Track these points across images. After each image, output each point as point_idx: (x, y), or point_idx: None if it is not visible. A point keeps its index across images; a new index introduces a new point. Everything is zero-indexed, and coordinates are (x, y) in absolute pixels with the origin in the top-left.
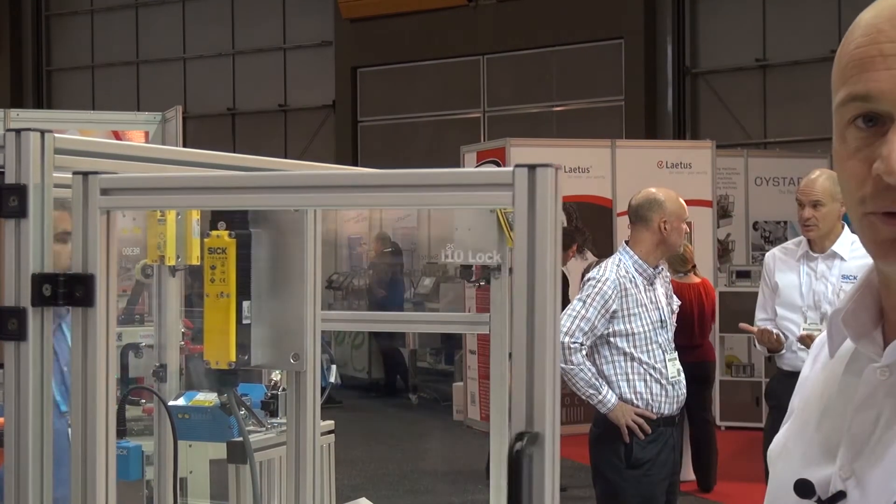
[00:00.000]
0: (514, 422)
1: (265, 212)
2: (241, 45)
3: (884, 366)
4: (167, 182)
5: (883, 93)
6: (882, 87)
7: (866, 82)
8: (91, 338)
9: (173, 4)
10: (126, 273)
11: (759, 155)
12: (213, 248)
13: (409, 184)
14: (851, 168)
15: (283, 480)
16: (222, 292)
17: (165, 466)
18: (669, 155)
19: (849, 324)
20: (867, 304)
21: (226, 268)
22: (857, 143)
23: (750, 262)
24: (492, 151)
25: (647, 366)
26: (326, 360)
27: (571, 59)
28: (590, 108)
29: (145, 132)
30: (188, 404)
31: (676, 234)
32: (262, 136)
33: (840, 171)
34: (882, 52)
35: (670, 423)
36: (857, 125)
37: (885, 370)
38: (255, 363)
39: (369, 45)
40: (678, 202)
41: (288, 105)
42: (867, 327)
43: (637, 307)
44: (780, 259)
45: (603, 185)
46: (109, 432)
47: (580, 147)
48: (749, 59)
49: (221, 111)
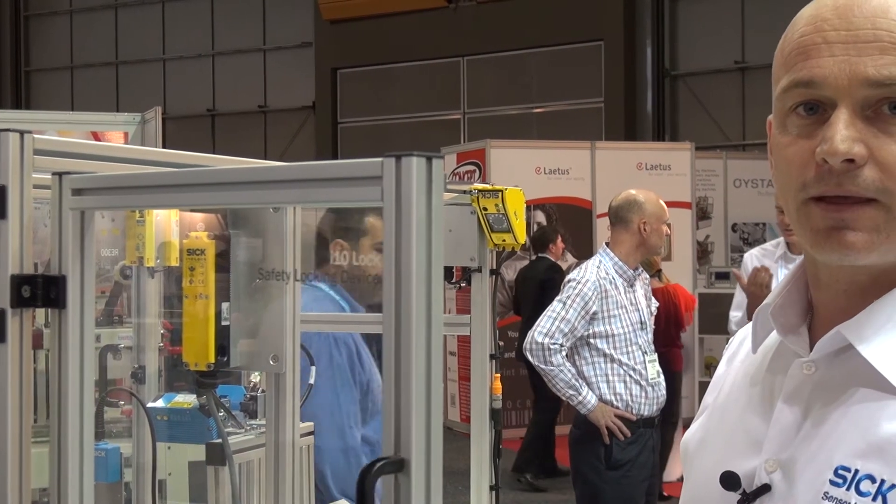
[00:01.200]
0: (385, 445)
1: (245, 212)
2: (220, 46)
3: (810, 361)
4: (137, 180)
5: (826, 78)
6: (825, 73)
7: (810, 69)
8: (64, 339)
9: (153, 5)
10: (105, 274)
11: (737, 157)
12: (192, 249)
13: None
14: (793, 154)
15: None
16: (201, 294)
17: (144, 468)
18: (649, 157)
19: (777, 319)
20: (795, 300)
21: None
22: (799, 129)
23: (729, 263)
24: (472, 153)
25: (626, 367)
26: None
27: (551, 61)
28: (569, 109)
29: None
30: (167, 406)
31: (657, 236)
32: (241, 138)
33: (780, 160)
34: (826, 40)
35: (650, 425)
36: (798, 113)
37: (811, 365)
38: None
39: (349, 47)
40: (658, 204)
41: (268, 106)
42: (794, 323)
43: (617, 309)
44: (758, 260)
45: (582, 186)
46: (87, 434)
47: (560, 149)
48: (728, 62)
49: (201, 112)
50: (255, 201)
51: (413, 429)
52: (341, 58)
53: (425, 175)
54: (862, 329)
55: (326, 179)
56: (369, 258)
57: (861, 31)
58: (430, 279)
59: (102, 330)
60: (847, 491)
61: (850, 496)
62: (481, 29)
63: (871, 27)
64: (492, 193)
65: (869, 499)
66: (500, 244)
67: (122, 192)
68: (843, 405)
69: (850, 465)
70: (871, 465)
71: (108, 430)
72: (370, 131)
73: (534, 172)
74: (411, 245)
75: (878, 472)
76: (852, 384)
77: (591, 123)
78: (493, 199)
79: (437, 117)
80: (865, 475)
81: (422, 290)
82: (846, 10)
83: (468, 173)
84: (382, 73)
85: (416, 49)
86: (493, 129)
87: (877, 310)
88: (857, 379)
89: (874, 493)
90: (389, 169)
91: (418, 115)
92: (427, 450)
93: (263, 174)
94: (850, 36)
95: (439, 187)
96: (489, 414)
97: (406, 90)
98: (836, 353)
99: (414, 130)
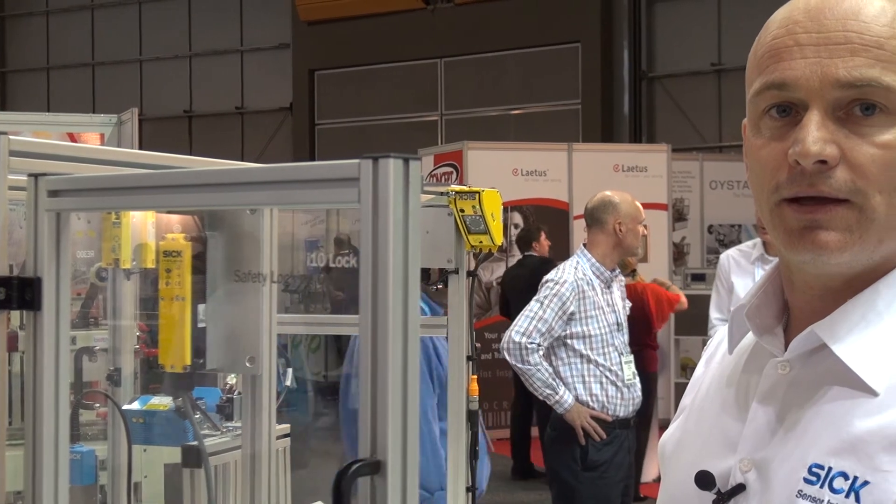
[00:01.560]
0: (361, 447)
1: (221, 214)
2: (197, 48)
3: (784, 360)
4: (114, 182)
5: (798, 80)
6: (797, 75)
7: (782, 71)
8: (39, 341)
9: (129, 6)
10: (80, 276)
11: (713, 159)
12: (169, 251)
13: (249, 181)
14: (766, 156)
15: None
16: (177, 295)
17: (119, 471)
18: (625, 158)
19: (752, 319)
20: (770, 301)
21: (181, 271)
22: (772, 132)
23: (705, 264)
24: (449, 154)
25: (603, 368)
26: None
27: (529, 63)
28: (547, 111)
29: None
30: (143, 408)
31: (632, 236)
32: (218, 139)
33: (753, 162)
34: (798, 42)
35: (625, 426)
36: (771, 115)
37: (786, 364)
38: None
39: (327, 48)
40: (633, 204)
41: (245, 108)
42: (770, 323)
43: (594, 310)
44: (735, 260)
45: (560, 188)
46: (62, 436)
47: (537, 150)
48: (704, 64)
49: (178, 113)
50: (232, 203)
51: (389, 431)
52: (319, 59)
53: (402, 177)
54: (835, 328)
55: (304, 181)
56: None
57: (832, 34)
58: (407, 281)
59: (78, 332)
60: (821, 489)
61: (824, 493)
62: (459, 31)
63: (842, 29)
64: (469, 195)
65: (842, 496)
66: (478, 246)
67: (98, 194)
68: (817, 404)
69: (824, 463)
70: (844, 463)
71: (83, 432)
72: (347, 133)
73: (511, 174)
74: (388, 246)
75: (850, 470)
76: (826, 383)
77: (568, 125)
78: (470, 201)
79: (414, 119)
80: (839, 472)
81: (399, 291)
82: (817, 13)
83: (445, 175)
84: (360, 74)
85: (394, 51)
86: (470, 130)
87: (850, 309)
88: (831, 378)
89: (847, 490)
90: (367, 170)
91: (396, 117)
92: (403, 452)
93: (240, 176)
94: (822, 38)
95: (416, 189)
96: (466, 415)
97: (383, 92)
98: (811, 352)
99: (391, 132)
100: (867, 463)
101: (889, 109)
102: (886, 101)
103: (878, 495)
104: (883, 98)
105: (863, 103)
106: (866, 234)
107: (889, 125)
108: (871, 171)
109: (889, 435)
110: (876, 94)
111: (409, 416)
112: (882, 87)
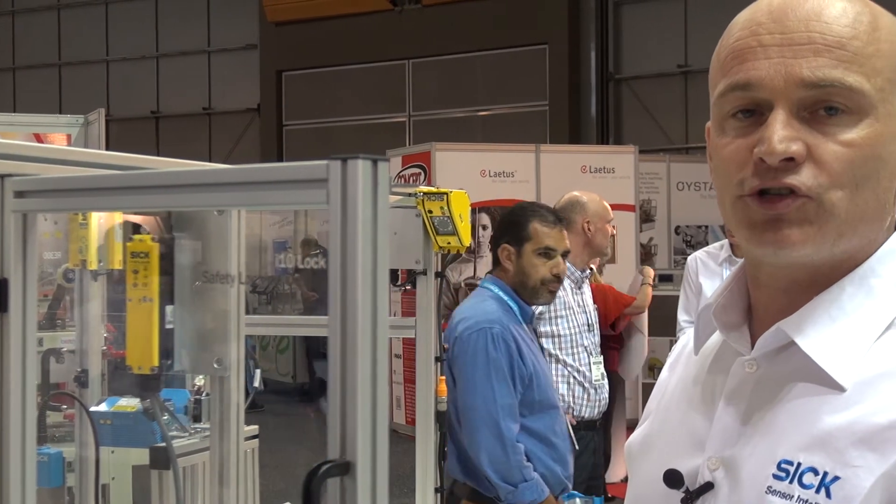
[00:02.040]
0: (330, 448)
1: (188, 215)
2: (165, 48)
3: (751, 359)
4: (80, 183)
5: (762, 80)
6: (761, 75)
7: (747, 71)
8: (6, 343)
9: (96, 6)
10: (47, 277)
11: (680, 160)
12: (136, 252)
13: (216, 182)
14: (731, 152)
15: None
16: (145, 297)
17: (87, 473)
18: (593, 160)
19: (719, 318)
20: (736, 300)
21: (148, 272)
22: (737, 132)
23: (672, 265)
24: (417, 155)
25: (571, 368)
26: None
27: (496, 64)
28: (514, 112)
29: (67, 135)
30: (110, 410)
31: (601, 235)
32: (186, 140)
33: (718, 160)
34: (761, 43)
35: (591, 427)
36: (736, 117)
37: (753, 363)
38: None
39: (294, 49)
40: (601, 204)
41: (212, 108)
42: (736, 322)
43: (564, 310)
44: (702, 262)
45: (527, 189)
46: (29, 438)
47: (505, 151)
48: (671, 66)
49: (145, 114)
50: (199, 204)
51: (359, 432)
52: (286, 60)
53: (371, 178)
54: (802, 325)
55: (271, 182)
56: (531, 262)
57: (795, 34)
58: (375, 282)
59: (45, 333)
60: (790, 484)
61: (794, 489)
62: (427, 32)
63: (805, 30)
64: (437, 196)
65: (812, 491)
66: (446, 247)
67: (65, 195)
68: (785, 400)
69: (793, 459)
70: (814, 458)
71: (50, 434)
72: (315, 134)
73: (479, 175)
74: (357, 248)
75: (820, 465)
76: (793, 380)
77: (535, 127)
78: (438, 202)
79: (382, 120)
80: (808, 468)
81: (367, 293)
82: (780, 14)
83: (413, 176)
84: (327, 75)
85: (362, 52)
86: (438, 131)
87: (816, 306)
88: (799, 374)
89: (817, 485)
90: (335, 172)
91: (363, 118)
92: (373, 453)
93: (208, 177)
94: (785, 39)
95: (385, 190)
96: (434, 416)
97: (351, 93)
98: (778, 350)
99: (359, 133)
100: (837, 458)
101: (851, 110)
102: (849, 102)
103: (849, 490)
104: (846, 98)
105: (828, 105)
106: (825, 226)
107: (852, 124)
108: (835, 168)
109: (858, 430)
110: (839, 95)
111: (378, 418)
112: (845, 88)
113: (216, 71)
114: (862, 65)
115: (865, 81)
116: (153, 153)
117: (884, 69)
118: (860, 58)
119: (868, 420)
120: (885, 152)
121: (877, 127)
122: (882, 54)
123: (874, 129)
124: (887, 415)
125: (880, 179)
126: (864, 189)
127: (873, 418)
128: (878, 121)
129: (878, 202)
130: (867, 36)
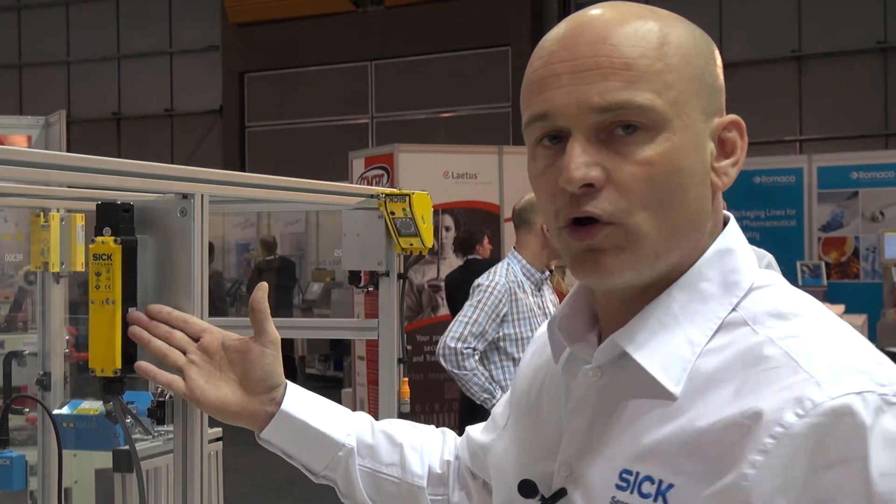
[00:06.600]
0: None
1: (152, 217)
2: (126, 49)
3: (596, 367)
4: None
5: (559, 108)
6: (557, 104)
7: (544, 102)
8: None
9: (57, 7)
10: (8, 280)
11: None
12: (98, 254)
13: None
14: (543, 184)
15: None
16: (108, 299)
17: (50, 476)
18: None
19: (563, 328)
20: (582, 309)
21: (111, 274)
22: (546, 160)
23: None
24: (380, 157)
25: None
26: None
27: (459, 66)
28: (477, 114)
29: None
30: (73, 413)
31: None
32: (148, 142)
33: (536, 190)
34: (555, 72)
35: None
36: (544, 144)
37: (598, 371)
38: None
39: (256, 50)
40: None
41: (174, 110)
42: (582, 331)
43: (526, 311)
44: None
45: (490, 190)
46: None
47: (467, 153)
48: None
49: (106, 116)
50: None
51: None
52: (248, 61)
53: None
54: (634, 336)
55: None
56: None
57: (584, 60)
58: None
59: (6, 336)
60: (631, 494)
61: (634, 499)
62: (389, 33)
63: (592, 55)
64: (399, 198)
65: (650, 500)
66: (408, 248)
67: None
68: (623, 410)
69: (632, 469)
70: (649, 468)
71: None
72: (278, 135)
73: (442, 177)
74: None
75: (655, 474)
76: (631, 389)
77: (498, 128)
78: (400, 204)
79: (344, 121)
80: (645, 477)
81: None
82: (570, 42)
83: (376, 177)
84: (290, 77)
85: (324, 53)
86: (400, 133)
87: (647, 316)
88: (635, 384)
89: (654, 493)
90: None
91: (326, 120)
92: None
93: None
94: (575, 66)
95: None
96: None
97: (314, 94)
98: (619, 359)
99: (322, 135)
100: (670, 466)
101: (647, 126)
102: (643, 119)
103: (685, 497)
104: (639, 117)
105: (623, 124)
106: (638, 250)
107: (648, 141)
108: (635, 191)
109: (687, 438)
110: (631, 115)
111: None
112: (635, 107)
113: (178, 72)
114: (651, 82)
115: (656, 98)
116: (115, 155)
117: (676, 82)
118: (648, 75)
119: (693, 425)
120: (687, 163)
121: (674, 140)
122: (672, 68)
123: (671, 142)
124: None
125: (687, 190)
126: (671, 205)
127: (697, 423)
128: (675, 133)
129: (691, 212)
130: (655, 52)
